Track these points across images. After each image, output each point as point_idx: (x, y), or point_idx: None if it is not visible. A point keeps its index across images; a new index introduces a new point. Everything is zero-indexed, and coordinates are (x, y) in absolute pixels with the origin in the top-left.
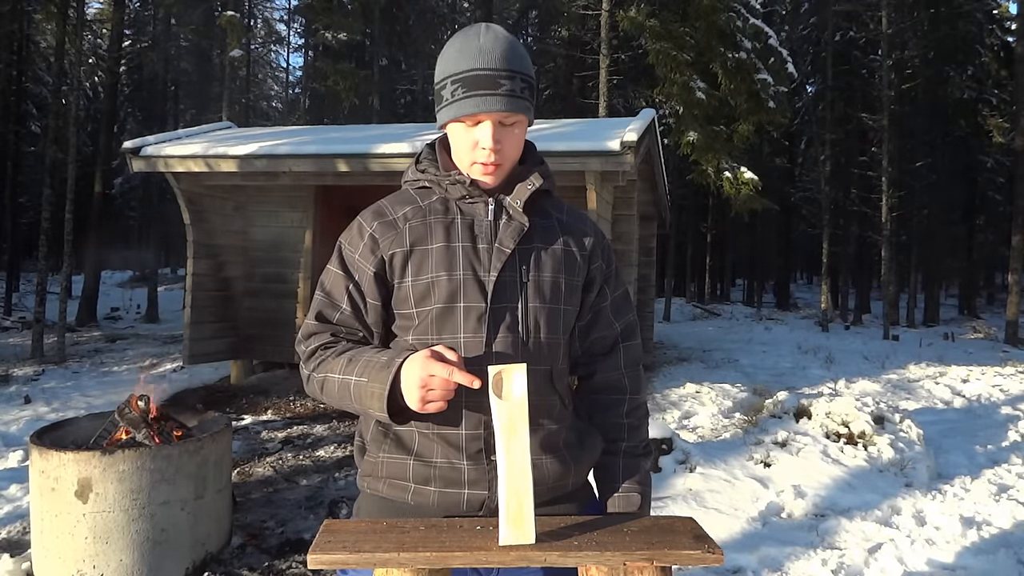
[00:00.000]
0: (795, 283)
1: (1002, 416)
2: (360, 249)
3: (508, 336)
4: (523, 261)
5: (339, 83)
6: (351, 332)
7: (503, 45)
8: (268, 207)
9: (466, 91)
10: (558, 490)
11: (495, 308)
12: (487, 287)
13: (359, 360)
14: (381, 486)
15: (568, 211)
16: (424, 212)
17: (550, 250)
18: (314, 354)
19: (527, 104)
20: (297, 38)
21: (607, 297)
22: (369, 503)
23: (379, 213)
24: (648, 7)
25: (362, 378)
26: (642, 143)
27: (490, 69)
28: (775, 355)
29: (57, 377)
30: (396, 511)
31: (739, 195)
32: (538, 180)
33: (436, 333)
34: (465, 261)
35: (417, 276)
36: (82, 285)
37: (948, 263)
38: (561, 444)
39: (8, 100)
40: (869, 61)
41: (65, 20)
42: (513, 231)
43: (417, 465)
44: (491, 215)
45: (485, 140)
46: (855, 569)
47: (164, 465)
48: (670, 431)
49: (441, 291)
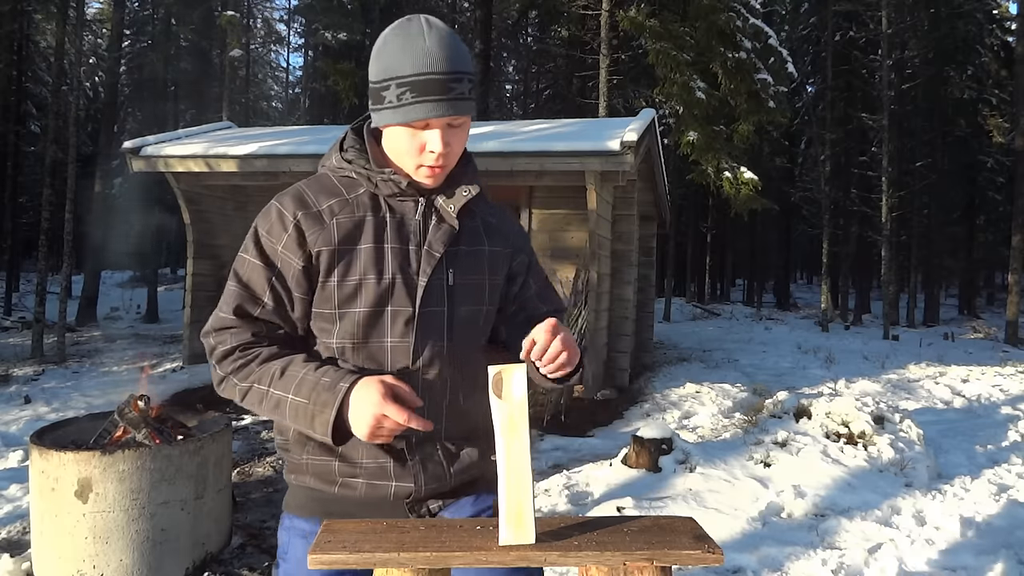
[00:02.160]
0: (795, 283)
1: (1002, 416)
2: (284, 240)
3: (435, 340)
4: (450, 264)
5: (339, 83)
6: (273, 330)
7: (448, 46)
8: None
9: (415, 96)
10: (475, 472)
11: (423, 312)
12: (417, 291)
13: (294, 376)
14: (308, 479)
15: (493, 210)
16: (352, 207)
17: (475, 252)
18: (231, 355)
19: (473, 104)
20: (297, 38)
21: (531, 287)
22: (297, 494)
23: (302, 202)
24: (648, 7)
25: (300, 398)
26: (642, 143)
27: (439, 73)
28: (775, 355)
29: (57, 377)
30: (323, 500)
31: (739, 195)
32: (475, 189)
33: (362, 337)
34: (395, 263)
35: (344, 277)
36: (82, 285)
37: (948, 263)
38: (480, 433)
39: (8, 100)
40: (869, 61)
41: (65, 20)
42: (443, 234)
43: (342, 465)
44: (420, 214)
45: (435, 145)
46: (855, 569)
47: (164, 465)
48: (670, 431)
49: (369, 294)
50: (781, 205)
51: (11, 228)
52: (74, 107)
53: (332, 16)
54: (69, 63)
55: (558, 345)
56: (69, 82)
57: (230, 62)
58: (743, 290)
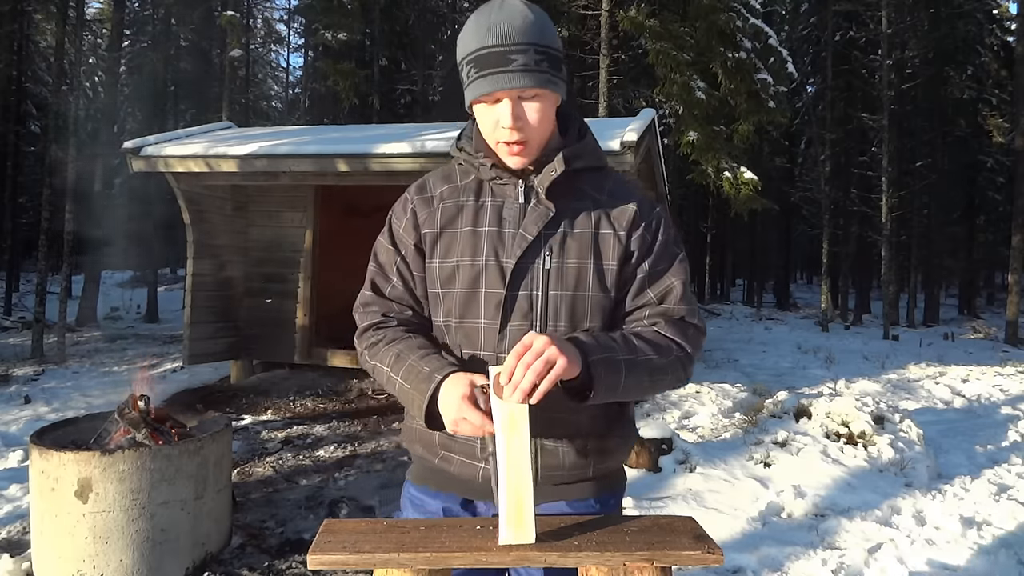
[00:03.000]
0: (795, 283)
1: (1002, 416)
2: (403, 223)
3: (523, 324)
4: (547, 247)
5: (339, 83)
6: (402, 309)
7: (515, 18)
8: (268, 207)
9: (479, 71)
10: (578, 476)
11: (512, 295)
12: (506, 273)
13: (405, 361)
14: (417, 448)
15: (612, 188)
16: (458, 192)
17: (577, 235)
18: (365, 333)
19: (547, 77)
20: (297, 38)
21: (644, 269)
22: (414, 461)
23: (422, 188)
24: (648, 7)
25: (406, 383)
26: (642, 143)
27: (500, 45)
28: (775, 355)
29: (57, 377)
30: (429, 470)
31: (739, 195)
32: (561, 165)
33: (458, 317)
34: (489, 246)
35: (444, 259)
36: (82, 285)
37: (948, 263)
38: (582, 432)
39: (8, 100)
40: (869, 61)
41: (65, 20)
42: (538, 216)
43: (443, 437)
44: (521, 197)
45: (504, 119)
46: (855, 569)
47: (164, 465)
48: (670, 431)
49: (464, 275)
50: (781, 205)
51: (11, 228)
52: (74, 107)
53: (332, 16)
54: (69, 63)
55: (519, 371)
56: (69, 82)
57: (230, 62)
58: (743, 290)
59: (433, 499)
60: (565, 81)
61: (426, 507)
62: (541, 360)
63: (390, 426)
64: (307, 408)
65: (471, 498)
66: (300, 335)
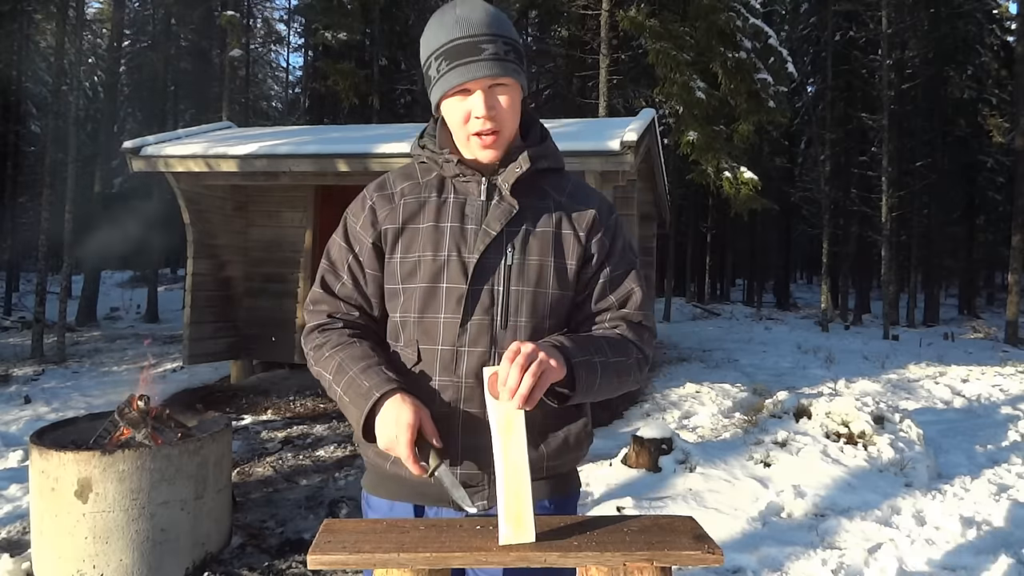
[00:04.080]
0: (795, 283)
1: (1002, 416)
2: (360, 220)
3: (484, 318)
4: (509, 243)
5: (339, 83)
6: (350, 308)
7: (479, 11)
8: (268, 207)
9: (449, 63)
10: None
11: (474, 289)
12: (468, 268)
13: (346, 372)
14: (369, 453)
15: (572, 191)
16: (420, 189)
17: (539, 232)
18: (311, 334)
19: (514, 67)
20: (297, 38)
21: (606, 274)
22: (368, 470)
23: (381, 186)
24: (648, 7)
25: (345, 396)
26: (642, 143)
27: (469, 36)
28: (775, 355)
29: (57, 377)
30: (380, 478)
31: (739, 195)
32: (526, 162)
33: (418, 312)
34: (451, 242)
35: (405, 254)
36: (82, 285)
37: (948, 263)
38: (534, 427)
39: (8, 100)
40: (869, 61)
41: (65, 20)
42: (502, 213)
43: None
44: (484, 195)
45: (477, 108)
46: (855, 569)
47: (164, 465)
48: (670, 431)
49: (426, 270)
50: (781, 205)
51: (11, 228)
52: (74, 107)
53: (332, 16)
54: (69, 63)
55: (515, 375)
56: (69, 82)
57: (230, 62)
58: (743, 290)
59: (387, 509)
60: (528, 76)
61: (382, 515)
62: (536, 363)
63: None
64: (307, 408)
65: (423, 504)
66: (300, 335)
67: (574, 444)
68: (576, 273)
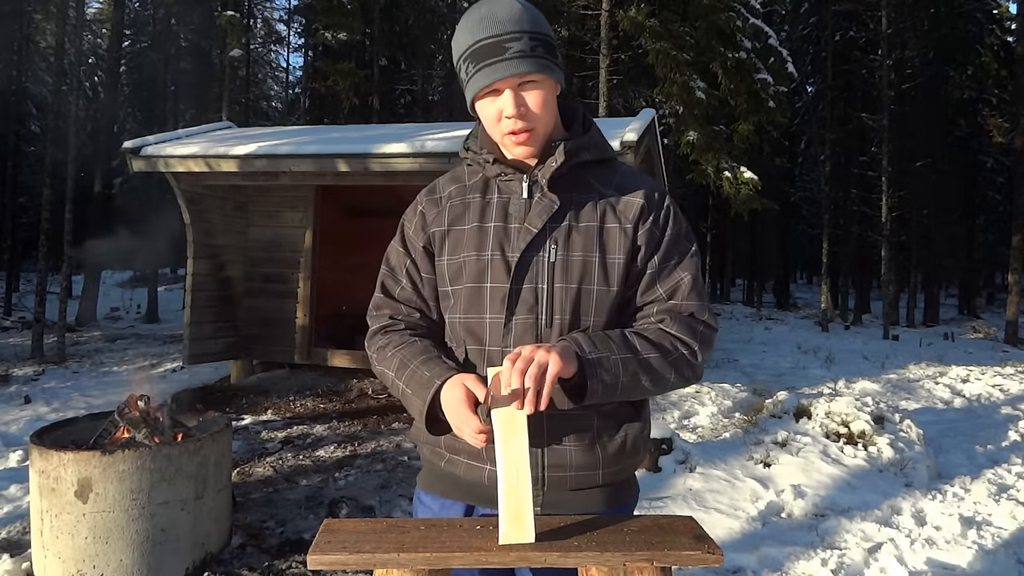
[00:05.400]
0: (795, 283)
1: (1002, 416)
2: (413, 224)
3: (528, 317)
4: (552, 240)
5: (339, 83)
6: (410, 310)
7: (505, 8)
8: (268, 207)
9: (476, 65)
10: (585, 481)
11: (517, 288)
12: (511, 266)
13: (407, 366)
14: (425, 450)
15: (620, 182)
16: (465, 191)
17: (582, 227)
18: (374, 337)
19: (544, 62)
20: (297, 38)
21: (654, 264)
22: (423, 467)
23: (432, 190)
24: (648, 7)
25: (408, 389)
26: (642, 143)
27: (493, 36)
28: (775, 355)
29: (57, 377)
30: (435, 476)
31: (739, 195)
32: (561, 156)
33: (464, 312)
34: (495, 241)
35: (452, 255)
36: (82, 285)
37: (948, 263)
38: (590, 430)
39: (8, 100)
40: (869, 61)
41: (65, 20)
42: (543, 209)
43: (448, 439)
44: (526, 192)
45: (507, 108)
46: (855, 569)
47: (164, 465)
48: (670, 431)
49: (471, 271)
50: (781, 205)
51: (11, 228)
52: (74, 107)
53: (332, 16)
54: (69, 63)
55: (515, 379)
56: (69, 82)
57: (230, 62)
58: (743, 290)
59: (438, 508)
60: (562, 68)
61: (432, 513)
62: (535, 364)
63: (390, 426)
64: (307, 408)
65: (475, 504)
66: (300, 335)
67: (631, 449)
68: (625, 267)
